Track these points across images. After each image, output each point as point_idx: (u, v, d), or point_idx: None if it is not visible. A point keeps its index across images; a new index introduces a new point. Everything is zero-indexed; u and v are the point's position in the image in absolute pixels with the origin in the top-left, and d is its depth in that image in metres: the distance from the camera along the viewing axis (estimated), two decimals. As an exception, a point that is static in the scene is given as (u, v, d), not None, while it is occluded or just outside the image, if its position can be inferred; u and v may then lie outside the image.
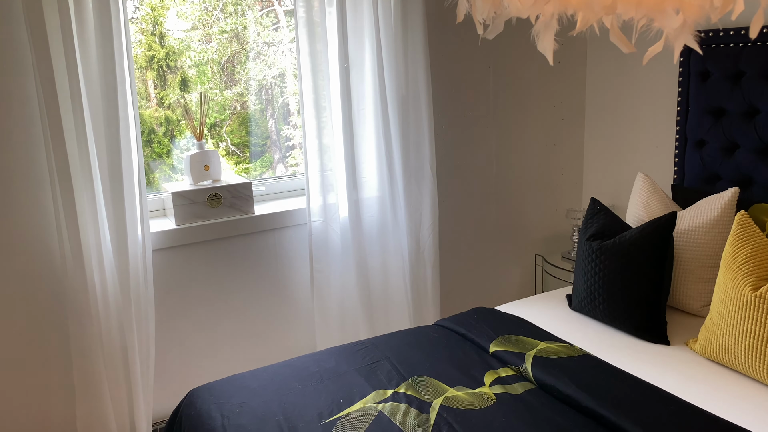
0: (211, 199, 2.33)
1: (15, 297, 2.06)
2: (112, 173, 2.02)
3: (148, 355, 2.19)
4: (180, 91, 2.52)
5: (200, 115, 2.37)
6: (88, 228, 2.00)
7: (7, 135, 1.96)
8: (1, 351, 2.08)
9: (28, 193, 2.02)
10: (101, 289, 2.06)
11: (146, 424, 2.21)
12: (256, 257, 2.45)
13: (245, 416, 1.61)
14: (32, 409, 2.17)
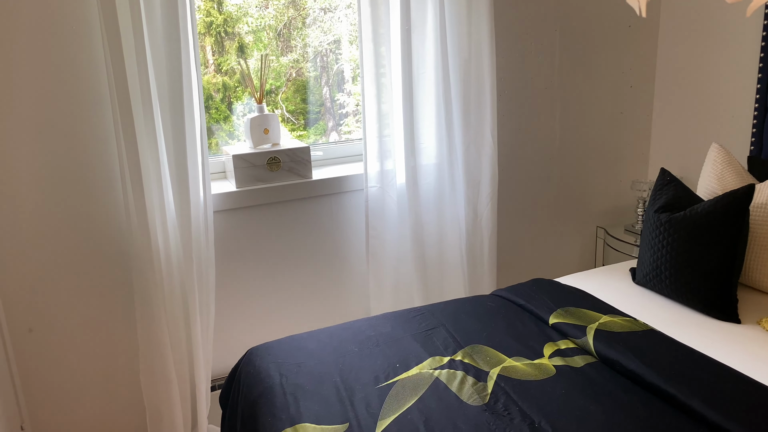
0: (271, 162, 2.34)
1: (83, 255, 2.14)
2: (176, 135, 2.05)
3: (208, 314, 2.24)
4: (237, 57, 2.52)
5: (260, 78, 2.37)
6: (152, 189, 2.04)
7: (75, 98, 2.01)
8: (70, 308, 2.17)
9: (95, 154, 2.08)
10: (164, 249, 2.11)
11: (205, 381, 2.27)
12: (313, 221, 2.47)
13: (303, 376, 1.63)
14: (98, 364, 2.26)
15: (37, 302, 2.12)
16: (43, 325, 2.15)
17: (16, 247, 2.05)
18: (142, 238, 2.05)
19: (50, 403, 2.23)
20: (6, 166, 1.97)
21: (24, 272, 2.08)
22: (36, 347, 2.16)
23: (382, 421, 1.43)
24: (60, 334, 2.18)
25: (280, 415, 1.50)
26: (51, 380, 2.21)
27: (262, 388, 1.62)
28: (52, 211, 2.06)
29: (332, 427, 1.43)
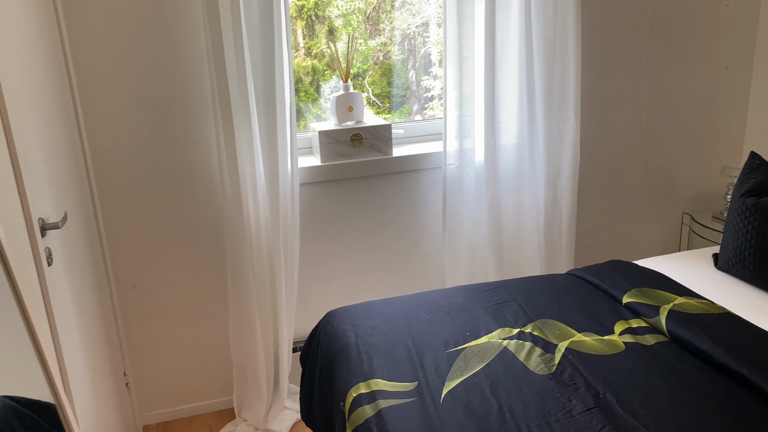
0: (354, 138, 2.44)
1: (182, 220, 2.33)
2: (267, 111, 2.18)
3: (292, 280, 2.38)
4: (326, 41, 2.62)
5: (347, 57, 2.47)
6: (245, 161, 2.19)
7: (177, 76, 2.18)
8: (169, 268, 2.37)
9: (195, 128, 2.25)
10: (254, 217, 2.26)
11: (287, 342, 2.42)
12: (391, 197, 2.55)
13: (377, 337, 1.73)
14: (192, 321, 2.46)
15: (141, 262, 2.33)
16: (145, 282, 2.36)
17: (125, 213, 2.26)
18: (234, 206, 2.21)
19: (148, 354, 2.45)
20: (117, 144, 2.18)
21: (130, 235, 2.29)
22: (138, 302, 2.38)
23: (450, 382, 1.51)
24: (159, 292, 2.39)
25: (355, 371, 1.60)
26: (150, 333, 2.43)
27: (339, 347, 1.73)
28: (156, 179, 2.26)
29: (402, 384, 1.52)
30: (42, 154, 1.59)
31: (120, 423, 2.20)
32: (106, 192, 2.22)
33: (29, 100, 1.54)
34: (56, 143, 1.78)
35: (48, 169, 1.63)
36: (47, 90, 1.76)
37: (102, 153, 2.18)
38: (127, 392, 2.38)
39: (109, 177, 2.21)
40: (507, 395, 1.45)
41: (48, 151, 1.66)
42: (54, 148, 1.74)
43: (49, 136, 1.69)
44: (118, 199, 2.24)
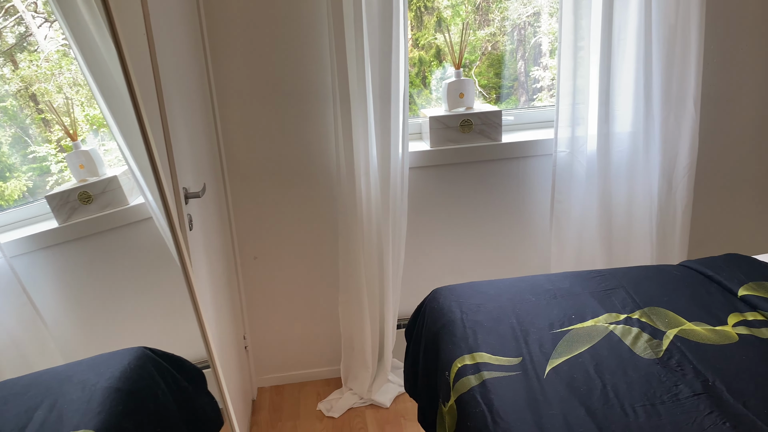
0: (463, 124, 2.50)
1: (300, 197, 2.49)
2: (383, 99, 2.28)
3: (399, 258, 2.48)
4: (434, 32, 2.68)
5: (461, 44, 2.53)
6: (360, 145, 2.31)
7: (301, 63, 2.33)
8: (287, 242, 2.54)
9: (316, 115, 2.39)
10: (366, 197, 2.37)
11: (393, 318, 2.53)
12: (499, 182, 2.59)
13: (482, 314, 1.79)
14: (306, 292, 2.62)
15: (262, 235, 2.52)
16: (265, 254, 2.55)
17: (249, 190, 2.45)
18: (348, 187, 2.34)
19: (265, 321, 2.64)
20: (244, 127, 2.37)
21: (253, 210, 2.48)
22: (258, 272, 2.58)
23: (554, 360, 1.55)
24: (278, 263, 2.57)
25: (460, 344, 1.68)
26: (267, 302, 2.62)
27: (444, 321, 1.81)
28: (278, 160, 2.43)
29: (506, 358, 1.58)
30: (186, 134, 1.78)
31: (239, 383, 2.40)
32: (234, 171, 2.42)
33: (177, 91, 1.73)
34: (196, 125, 1.98)
35: (190, 147, 1.82)
36: (190, 83, 1.96)
37: (231, 137, 2.37)
38: (246, 355, 2.59)
39: (237, 158, 2.40)
40: (611, 375, 1.47)
41: (190, 131, 1.85)
42: (194, 129, 1.93)
43: (190, 118, 1.89)
44: (243, 178, 2.43)
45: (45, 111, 2.62)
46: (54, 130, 2.64)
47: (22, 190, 2.64)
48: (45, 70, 2.55)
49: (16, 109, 2.59)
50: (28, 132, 2.64)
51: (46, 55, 2.54)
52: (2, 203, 2.64)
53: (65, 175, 2.63)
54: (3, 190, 2.61)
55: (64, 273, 2.53)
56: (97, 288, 2.57)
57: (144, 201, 2.38)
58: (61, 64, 2.56)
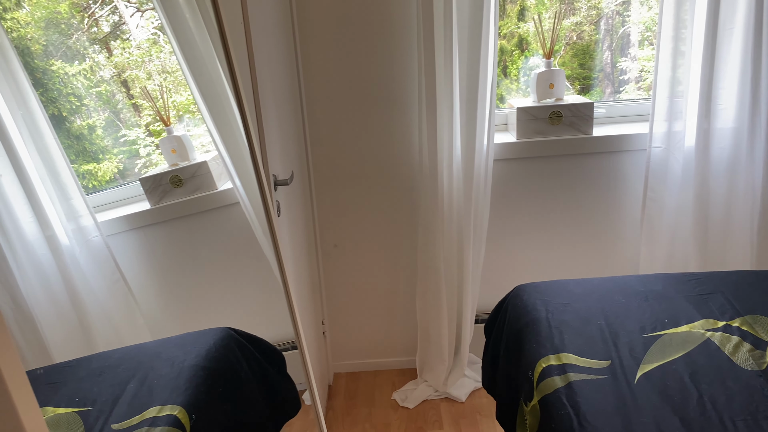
0: (553, 116, 2.42)
1: (382, 187, 2.49)
2: (470, 87, 2.24)
3: (479, 252, 2.44)
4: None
5: (552, 33, 2.44)
6: (443, 133, 2.28)
7: (388, 49, 2.32)
8: (367, 230, 2.55)
9: (400, 102, 2.38)
10: (448, 189, 2.34)
11: (471, 312, 2.50)
12: (588, 178, 2.49)
13: (568, 314, 1.73)
14: (384, 281, 2.63)
15: (343, 224, 2.54)
16: (345, 242, 2.57)
17: (332, 180, 2.47)
18: (430, 178, 2.31)
19: (343, 308, 2.67)
20: (327, 116, 2.38)
21: (335, 199, 2.50)
22: (338, 260, 2.60)
23: (645, 365, 1.47)
24: (357, 251, 2.58)
25: (545, 343, 1.63)
26: (345, 289, 2.64)
27: (528, 320, 1.76)
28: (360, 150, 2.44)
29: (595, 361, 1.52)
30: (276, 123, 1.81)
31: (317, 367, 2.44)
32: (318, 160, 2.44)
33: (269, 79, 1.76)
34: (285, 115, 2.01)
35: (279, 136, 1.85)
36: (280, 74, 2.00)
37: (317, 127, 2.40)
38: (323, 340, 2.62)
39: (321, 148, 2.43)
40: (708, 385, 1.38)
41: (280, 121, 1.88)
42: (283, 119, 1.97)
43: (280, 108, 1.92)
44: (326, 167, 2.46)
45: (136, 96, 2.73)
46: (143, 115, 2.76)
47: (113, 172, 2.77)
48: (136, 58, 2.66)
49: (110, 95, 2.71)
50: (120, 116, 2.76)
51: (137, 43, 2.65)
52: (95, 183, 2.78)
53: (153, 158, 2.75)
54: (96, 171, 2.75)
55: (154, 253, 2.64)
56: (185, 269, 2.68)
57: (232, 186, 2.45)
58: (150, 52, 2.65)
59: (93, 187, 2.71)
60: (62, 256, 2.46)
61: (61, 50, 2.56)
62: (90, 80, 2.60)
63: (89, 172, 2.68)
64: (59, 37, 2.57)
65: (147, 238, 2.60)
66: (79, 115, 2.64)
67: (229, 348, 1.99)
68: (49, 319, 2.56)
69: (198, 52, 2.20)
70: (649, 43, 2.64)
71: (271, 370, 2.15)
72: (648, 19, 2.63)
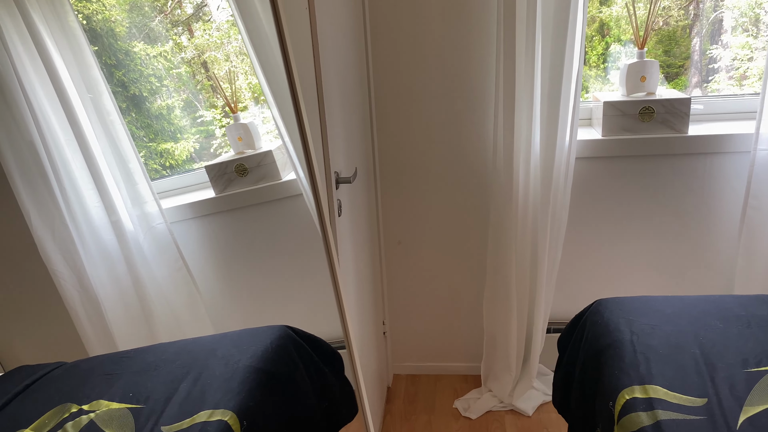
0: (644, 112, 2.20)
1: (451, 183, 2.34)
2: (552, 78, 2.05)
3: (555, 257, 2.26)
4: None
5: (647, 20, 2.21)
6: (521, 128, 2.10)
7: (465, 30, 2.16)
8: (433, 228, 2.41)
9: (474, 91, 2.22)
10: (524, 188, 2.17)
11: (542, 320, 2.33)
12: (680, 181, 2.26)
13: (656, 338, 1.55)
14: (448, 282, 2.49)
15: (408, 220, 2.41)
16: (410, 240, 2.45)
17: (398, 174, 2.34)
18: (505, 175, 2.15)
19: (405, 308, 2.55)
20: (396, 111, 2.25)
21: (401, 194, 2.38)
22: (401, 258, 2.48)
23: (750, 408, 1.28)
24: (422, 250, 2.46)
25: (628, 370, 1.45)
26: (408, 288, 2.52)
27: (610, 341, 1.59)
28: (429, 144, 2.30)
29: (688, 397, 1.33)
30: (341, 118, 1.70)
31: (376, 368, 2.34)
32: (385, 154, 2.32)
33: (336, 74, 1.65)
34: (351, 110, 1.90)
35: (344, 131, 1.74)
36: (348, 70, 1.90)
37: (384, 119, 2.27)
38: (384, 340, 2.52)
39: (388, 141, 2.30)
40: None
41: (346, 116, 1.77)
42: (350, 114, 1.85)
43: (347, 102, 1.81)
44: (393, 162, 2.33)
45: (213, 78, 2.70)
46: (220, 96, 2.71)
47: (190, 152, 2.75)
48: (216, 39, 2.62)
49: (189, 76, 2.69)
50: (198, 97, 2.74)
51: (217, 24, 2.61)
52: (172, 162, 2.77)
53: (227, 139, 2.71)
54: (173, 150, 2.73)
55: (217, 242, 2.60)
56: (247, 260, 2.62)
57: (296, 177, 2.37)
58: (229, 34, 2.61)
59: (170, 166, 2.71)
60: (127, 242, 2.46)
61: (144, 32, 2.57)
62: (170, 61, 2.60)
63: (167, 151, 2.68)
64: (142, 19, 2.57)
65: (210, 226, 2.56)
66: (159, 96, 2.65)
67: (286, 349, 1.91)
68: (113, 303, 2.56)
69: (266, 38, 2.12)
70: (744, 30, 2.38)
71: (328, 373, 2.06)
72: (744, 3, 2.36)
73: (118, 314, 2.56)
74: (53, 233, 2.47)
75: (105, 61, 2.54)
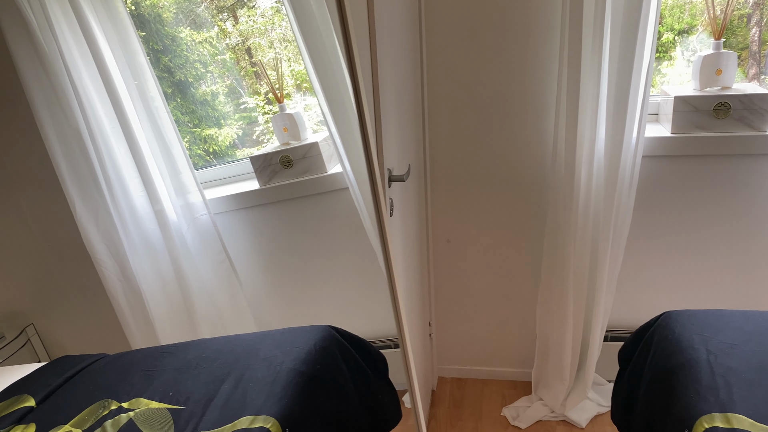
0: (719, 108, 2.03)
1: (505, 179, 2.21)
2: (621, 70, 1.91)
3: (616, 262, 2.12)
4: None
5: (726, 9, 2.04)
6: (586, 124, 1.96)
7: (524, 23, 2.02)
8: (484, 226, 2.29)
9: (532, 78, 2.08)
10: (585, 188, 2.04)
11: (600, 328, 2.19)
12: (757, 184, 2.08)
13: (736, 359, 1.41)
14: (499, 282, 2.37)
15: (458, 219, 2.30)
16: (459, 238, 2.34)
17: (448, 170, 2.23)
18: (565, 173, 2.01)
19: (453, 308, 2.45)
20: (450, 110, 2.13)
21: (451, 191, 2.26)
22: (450, 257, 2.37)
23: None
24: (471, 249, 2.34)
25: (707, 395, 1.32)
26: (456, 289, 2.41)
27: (684, 360, 1.45)
28: (484, 138, 2.17)
29: (778, 431, 1.20)
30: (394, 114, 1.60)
31: (421, 370, 2.25)
32: (436, 150, 2.21)
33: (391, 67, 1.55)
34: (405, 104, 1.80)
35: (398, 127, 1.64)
36: (403, 66, 1.80)
37: (436, 112, 2.15)
38: (429, 342, 2.42)
39: (439, 136, 2.19)
40: None
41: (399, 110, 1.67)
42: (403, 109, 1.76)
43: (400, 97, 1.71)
44: (443, 158, 2.22)
45: (258, 65, 2.63)
46: (263, 82, 2.65)
47: (233, 138, 2.70)
48: (260, 26, 2.55)
49: (233, 62, 2.64)
50: (242, 83, 2.68)
51: (262, 11, 2.54)
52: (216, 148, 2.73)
53: (270, 126, 2.65)
54: (217, 136, 2.69)
55: (260, 235, 2.53)
56: (289, 253, 2.55)
57: (342, 170, 2.28)
58: (273, 20, 2.55)
59: (213, 152, 2.67)
60: (170, 233, 2.41)
61: (190, 18, 2.53)
62: (215, 47, 2.56)
63: (210, 137, 2.64)
64: (189, 4, 2.54)
65: (253, 218, 2.50)
66: (203, 82, 2.62)
67: (330, 351, 1.83)
68: (155, 294, 2.53)
69: (315, 24, 2.02)
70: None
71: (372, 377, 1.97)
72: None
73: (160, 305, 2.53)
74: (97, 222, 2.44)
75: (152, 46, 2.50)
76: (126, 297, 2.52)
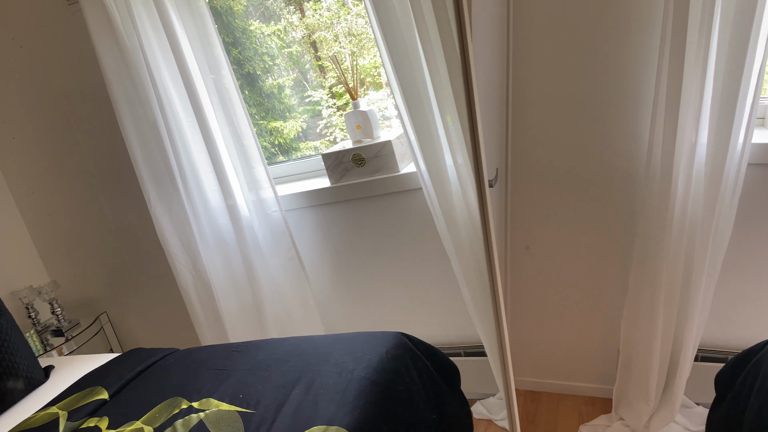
0: (839, 112, 1.83)
1: (593, 183, 2.08)
2: (729, 71, 1.73)
3: (713, 277, 1.95)
4: None
5: None
6: (686, 128, 1.81)
7: (622, 21, 1.88)
8: (566, 232, 2.16)
9: (626, 77, 1.94)
10: (682, 196, 1.88)
11: (692, 348, 2.02)
12: None
13: None
14: (582, 293, 2.23)
15: (538, 225, 2.18)
16: (538, 245, 2.22)
17: (530, 174, 2.11)
18: (661, 181, 1.86)
19: (528, 317, 2.33)
20: (535, 115, 2.01)
21: (532, 196, 2.14)
22: (528, 264, 2.25)
23: None
24: (551, 257, 2.22)
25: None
26: (533, 298, 2.29)
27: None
28: (570, 140, 2.04)
29: None
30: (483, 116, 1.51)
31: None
32: (518, 153, 2.09)
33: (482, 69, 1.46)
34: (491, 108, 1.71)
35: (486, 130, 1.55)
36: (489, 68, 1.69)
37: (520, 113, 2.04)
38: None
39: (522, 139, 2.07)
40: None
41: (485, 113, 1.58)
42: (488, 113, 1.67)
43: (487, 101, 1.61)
44: (525, 162, 2.10)
45: (323, 58, 2.59)
46: (328, 77, 2.61)
47: (298, 130, 2.67)
48: (326, 19, 2.51)
49: (299, 55, 2.60)
50: (307, 77, 2.65)
51: (327, 4, 2.49)
52: (281, 141, 2.70)
53: (333, 119, 2.60)
54: (282, 129, 2.66)
55: (330, 234, 2.48)
56: (359, 253, 2.49)
57: (415, 170, 2.20)
58: (339, 14, 2.50)
59: (278, 144, 2.66)
60: (242, 227, 2.39)
61: (260, 10, 2.52)
62: (283, 40, 2.54)
63: (276, 129, 2.63)
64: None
65: (324, 217, 2.45)
66: (270, 74, 2.61)
67: (402, 360, 1.76)
68: (224, 288, 2.52)
69: (394, 17, 1.94)
70: None
71: (444, 387, 1.89)
72: None
73: (229, 300, 2.52)
74: (170, 214, 2.45)
75: (223, 38, 2.49)
76: (196, 290, 2.52)
